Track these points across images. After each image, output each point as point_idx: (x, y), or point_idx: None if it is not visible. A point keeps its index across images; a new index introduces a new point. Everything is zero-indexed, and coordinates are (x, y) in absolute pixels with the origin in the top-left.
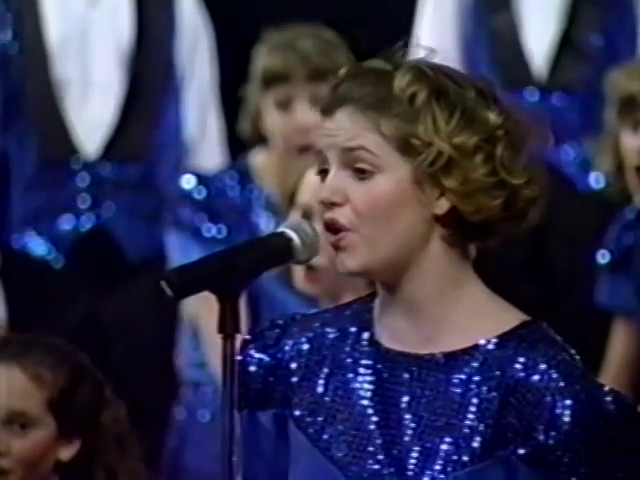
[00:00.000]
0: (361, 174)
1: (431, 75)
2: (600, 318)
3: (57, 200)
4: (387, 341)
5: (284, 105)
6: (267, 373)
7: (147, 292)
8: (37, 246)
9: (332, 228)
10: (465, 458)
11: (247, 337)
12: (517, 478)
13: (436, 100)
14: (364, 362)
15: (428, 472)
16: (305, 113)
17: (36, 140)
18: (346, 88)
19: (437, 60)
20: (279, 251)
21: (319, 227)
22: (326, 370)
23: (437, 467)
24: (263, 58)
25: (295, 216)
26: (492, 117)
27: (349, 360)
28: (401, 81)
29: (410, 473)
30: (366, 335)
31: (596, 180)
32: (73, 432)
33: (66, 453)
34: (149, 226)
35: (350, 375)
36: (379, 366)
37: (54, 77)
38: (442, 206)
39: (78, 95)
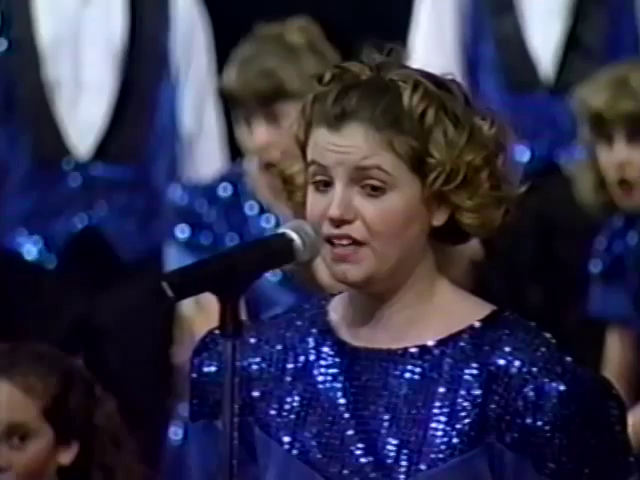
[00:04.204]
0: (372, 191)
1: (435, 91)
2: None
3: (49, 201)
4: (355, 340)
5: (247, 122)
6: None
7: (141, 292)
8: (29, 247)
9: (339, 243)
10: (451, 448)
11: (200, 346)
12: (503, 465)
13: (445, 116)
14: (331, 363)
15: (413, 467)
16: (259, 132)
17: (28, 141)
18: (353, 104)
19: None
20: (280, 252)
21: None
22: (290, 374)
23: (421, 460)
24: (224, 76)
25: None
26: (486, 128)
27: (314, 362)
28: (411, 98)
29: (399, 469)
30: (329, 337)
31: None
32: (71, 436)
33: (66, 457)
34: (143, 226)
35: (317, 377)
36: (349, 365)
37: (46, 78)
38: (440, 218)
39: (70, 96)
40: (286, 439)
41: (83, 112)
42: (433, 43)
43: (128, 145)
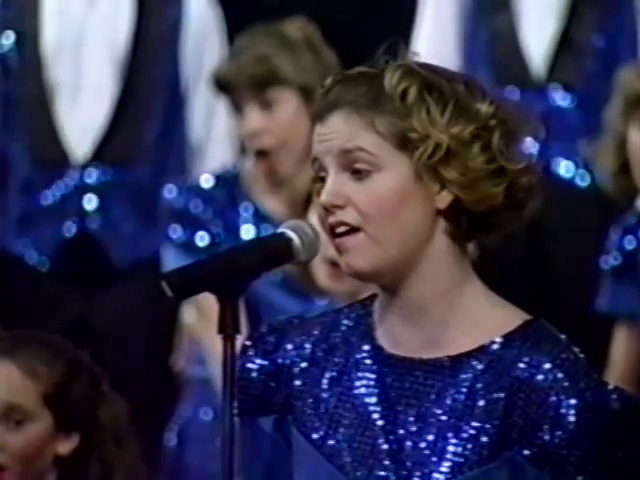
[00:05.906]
0: (360, 174)
1: (420, 71)
2: (600, 319)
3: (45, 203)
4: (390, 346)
5: (239, 110)
6: (268, 378)
7: (138, 295)
8: (24, 249)
9: (337, 232)
10: (472, 460)
11: (247, 342)
12: (523, 478)
13: (428, 94)
14: (368, 368)
15: (435, 475)
16: (252, 118)
17: (27, 143)
18: (337, 93)
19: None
20: (279, 252)
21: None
22: (329, 375)
23: (444, 470)
24: (217, 66)
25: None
26: (484, 107)
27: (352, 366)
28: (391, 79)
29: (417, 477)
30: (368, 340)
31: (582, 178)
32: (71, 426)
33: (65, 447)
34: (140, 231)
35: (354, 381)
36: (383, 372)
37: (47, 79)
38: (444, 200)
39: (69, 98)
40: (318, 440)
41: (82, 115)
42: (435, 43)
43: (127, 148)
